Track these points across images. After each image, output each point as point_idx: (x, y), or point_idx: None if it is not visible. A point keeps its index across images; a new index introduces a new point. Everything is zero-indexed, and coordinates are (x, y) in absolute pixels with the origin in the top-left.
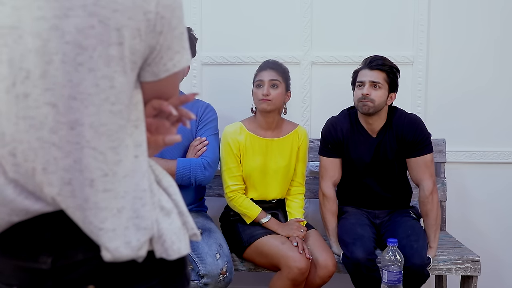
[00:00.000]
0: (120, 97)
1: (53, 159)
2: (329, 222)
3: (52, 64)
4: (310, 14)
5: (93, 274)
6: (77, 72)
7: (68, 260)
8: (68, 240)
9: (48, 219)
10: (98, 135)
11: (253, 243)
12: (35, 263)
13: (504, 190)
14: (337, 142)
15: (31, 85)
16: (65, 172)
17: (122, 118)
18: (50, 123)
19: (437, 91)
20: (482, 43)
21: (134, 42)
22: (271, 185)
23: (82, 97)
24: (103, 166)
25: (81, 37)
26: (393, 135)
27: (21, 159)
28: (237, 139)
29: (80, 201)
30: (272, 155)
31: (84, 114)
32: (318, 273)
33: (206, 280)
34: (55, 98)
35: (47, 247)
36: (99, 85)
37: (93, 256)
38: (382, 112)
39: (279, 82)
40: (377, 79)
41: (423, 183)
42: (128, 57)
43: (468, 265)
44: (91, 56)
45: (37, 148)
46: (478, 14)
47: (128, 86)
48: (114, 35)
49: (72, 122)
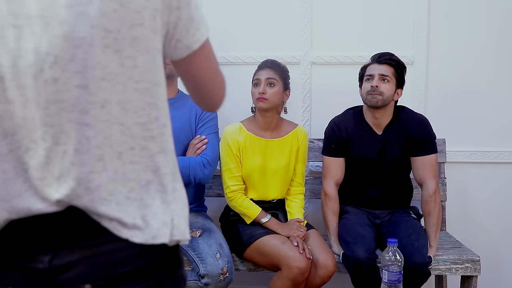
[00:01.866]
0: (144, 75)
1: (86, 139)
2: (330, 221)
3: (80, 48)
4: (310, 14)
5: (90, 273)
6: (104, 54)
7: (64, 259)
8: (65, 238)
9: (45, 217)
10: (125, 111)
11: (253, 243)
12: (31, 263)
13: (504, 190)
14: (341, 141)
15: (60, 69)
16: (97, 149)
17: (151, 96)
18: (82, 103)
19: (437, 91)
20: (482, 43)
21: (153, 22)
22: (271, 185)
23: (110, 77)
24: (130, 140)
25: (105, 20)
26: (399, 132)
27: (51, 143)
28: (237, 139)
29: (111, 173)
30: (272, 156)
31: (112, 93)
32: (318, 273)
33: (207, 280)
34: (85, 80)
35: (44, 246)
36: (124, 65)
37: (91, 255)
38: (389, 108)
39: (276, 80)
40: (386, 73)
41: (427, 182)
42: (149, 37)
43: (468, 265)
44: (116, 38)
45: (69, 130)
46: (477, 14)
47: (153, 65)
48: (135, 16)
49: (102, 101)
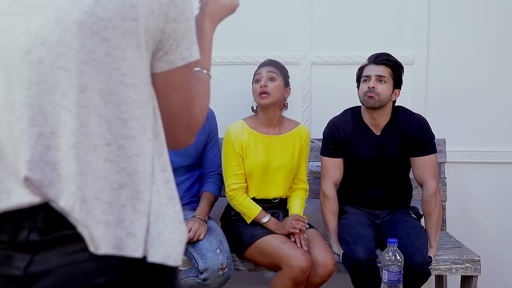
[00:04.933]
0: (133, 71)
1: (62, 122)
2: (330, 221)
3: (68, 31)
4: (310, 14)
5: (65, 283)
6: (91, 40)
7: (41, 267)
8: (42, 243)
9: (23, 216)
10: (105, 102)
11: (254, 243)
12: (8, 268)
13: (504, 190)
14: (339, 142)
15: (46, 50)
16: (71, 135)
17: (136, 93)
18: (62, 86)
19: (437, 91)
20: (482, 43)
21: (148, 21)
22: (273, 183)
23: (94, 63)
24: (107, 134)
25: (99, 8)
26: (398, 133)
27: (26, 124)
28: (240, 137)
29: (83, 166)
30: (275, 152)
31: (95, 80)
32: (318, 272)
33: (205, 275)
34: (68, 62)
35: (21, 250)
36: (111, 54)
37: (67, 263)
38: (387, 108)
39: (277, 75)
40: (382, 73)
41: (427, 182)
42: (142, 33)
43: (468, 265)
44: (106, 26)
45: (48, 112)
46: (477, 14)
47: (142, 63)
48: (129, 11)
49: (82, 85)
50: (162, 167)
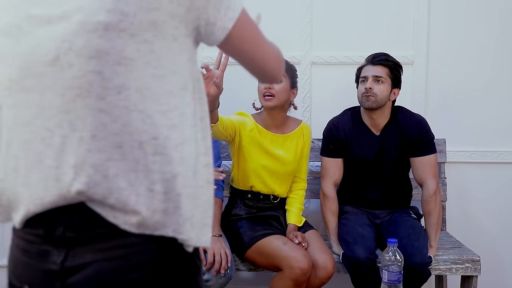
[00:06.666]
0: (161, 62)
1: (102, 125)
2: (330, 222)
3: (95, 32)
4: (310, 14)
5: (99, 277)
6: (119, 39)
7: (76, 261)
8: (78, 239)
9: (60, 214)
10: (143, 97)
11: (254, 244)
12: (45, 263)
13: (504, 190)
14: (339, 142)
15: (74, 55)
16: (115, 136)
17: (169, 84)
18: (97, 89)
19: (437, 91)
20: (482, 43)
21: (171, 6)
22: (278, 179)
23: (126, 62)
24: (151, 129)
25: (121, 4)
26: (397, 133)
27: (67, 129)
28: (245, 121)
29: (132, 163)
30: (278, 150)
31: (129, 78)
32: (317, 274)
33: (207, 277)
34: (100, 65)
35: (57, 246)
36: (140, 49)
37: (101, 259)
38: (386, 108)
39: (284, 76)
40: (379, 74)
41: (427, 182)
42: (167, 22)
43: (468, 265)
44: (131, 22)
45: (85, 116)
46: (477, 14)
47: (171, 52)
48: (152, 0)
49: (118, 87)
50: (204, 150)
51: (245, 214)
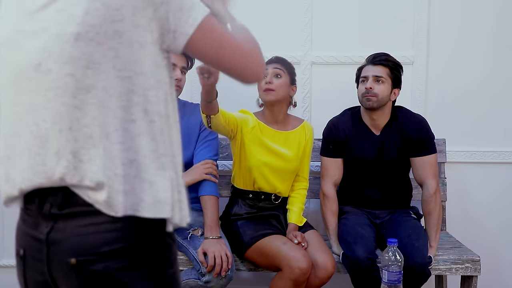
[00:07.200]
0: (126, 65)
1: (76, 119)
2: (330, 222)
3: (68, 43)
4: (310, 14)
5: (76, 249)
6: (88, 47)
7: (58, 234)
8: (61, 216)
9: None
10: (109, 95)
11: (254, 244)
12: (36, 232)
13: (504, 190)
14: (339, 142)
15: (53, 61)
16: (86, 128)
17: (132, 84)
18: (71, 89)
19: (437, 91)
20: (482, 43)
21: (135, 18)
22: (279, 178)
23: (94, 66)
24: (115, 121)
25: (89, 18)
26: (398, 133)
27: (49, 123)
28: (248, 118)
29: (101, 151)
30: (280, 147)
31: (97, 79)
32: (317, 274)
33: (208, 278)
34: (73, 69)
35: (45, 220)
36: (106, 55)
37: (77, 234)
38: (386, 108)
39: (283, 72)
40: (380, 74)
41: (427, 182)
42: (131, 31)
43: (468, 265)
44: (98, 32)
45: (63, 112)
46: (477, 13)
47: (135, 56)
48: (115, 13)
49: (88, 86)
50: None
51: (245, 214)
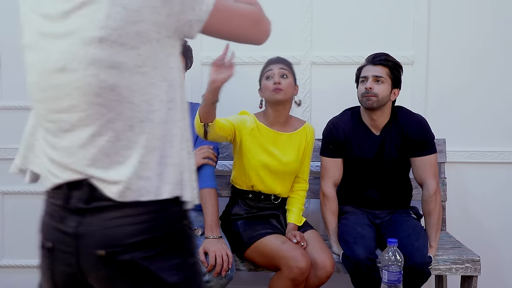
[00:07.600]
0: (146, 61)
1: (100, 115)
2: (330, 221)
3: (91, 45)
4: (310, 14)
5: (103, 241)
6: (111, 48)
7: (86, 228)
8: (87, 210)
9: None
10: (132, 91)
11: (254, 244)
12: (64, 226)
13: (504, 190)
14: (339, 142)
15: (77, 63)
16: (110, 123)
17: (151, 77)
18: (95, 89)
19: (437, 91)
20: (482, 43)
21: (154, 17)
22: (279, 179)
23: (117, 66)
24: (139, 114)
25: (111, 21)
26: (398, 133)
27: (75, 119)
28: (246, 120)
29: (125, 142)
30: (280, 149)
31: (120, 78)
32: (316, 274)
33: (208, 278)
34: (97, 70)
35: (73, 214)
36: (128, 54)
37: (104, 227)
38: (386, 108)
39: (288, 72)
40: (380, 74)
41: (427, 181)
42: (150, 29)
43: (468, 265)
44: (120, 34)
45: (87, 109)
46: (477, 13)
47: (153, 52)
48: (135, 15)
49: (111, 86)
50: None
51: (245, 213)
